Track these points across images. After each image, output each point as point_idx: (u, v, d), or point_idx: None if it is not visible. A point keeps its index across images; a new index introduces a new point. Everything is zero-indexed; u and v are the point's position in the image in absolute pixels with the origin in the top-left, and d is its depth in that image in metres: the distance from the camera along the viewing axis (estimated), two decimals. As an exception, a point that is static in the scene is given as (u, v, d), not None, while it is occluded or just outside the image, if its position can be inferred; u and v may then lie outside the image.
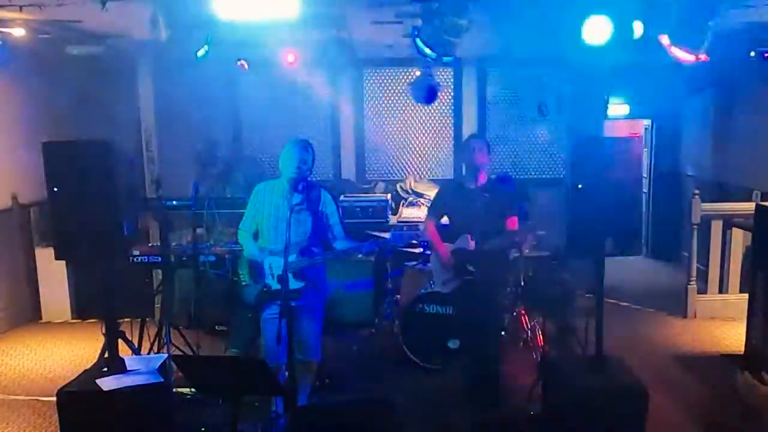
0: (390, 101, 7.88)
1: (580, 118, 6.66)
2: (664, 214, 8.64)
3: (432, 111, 7.82)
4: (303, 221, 3.93)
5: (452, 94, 7.84)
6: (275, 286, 3.80)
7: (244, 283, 4.05)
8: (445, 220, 4.52)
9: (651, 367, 4.86)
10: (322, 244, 4.05)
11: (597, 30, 4.09)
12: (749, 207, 5.50)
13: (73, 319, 6.58)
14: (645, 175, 8.73)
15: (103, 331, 3.92)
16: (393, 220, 6.87)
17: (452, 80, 7.80)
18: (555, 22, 4.47)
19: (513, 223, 4.20)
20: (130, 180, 4.69)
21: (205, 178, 4.83)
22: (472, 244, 4.17)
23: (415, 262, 5.63)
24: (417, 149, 7.95)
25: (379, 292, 6.15)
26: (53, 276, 6.52)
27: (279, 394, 3.92)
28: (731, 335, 5.71)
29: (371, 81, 7.87)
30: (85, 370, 3.81)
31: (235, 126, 7.91)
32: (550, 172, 8.02)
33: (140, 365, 3.76)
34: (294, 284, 3.82)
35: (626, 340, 5.51)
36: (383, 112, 7.90)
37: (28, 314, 6.55)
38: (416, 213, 6.93)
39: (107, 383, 3.54)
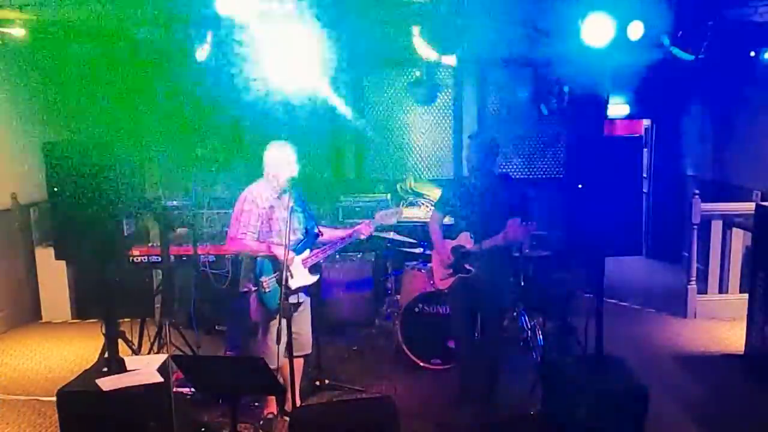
0: (390, 101, 7.88)
1: (580, 118, 6.65)
2: (664, 214, 8.63)
3: (432, 111, 7.81)
4: (301, 219, 4.08)
5: (452, 94, 7.84)
6: (295, 284, 3.94)
7: (267, 291, 3.94)
8: (447, 220, 4.53)
9: (651, 367, 4.86)
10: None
11: (597, 30, 4.09)
12: (749, 207, 5.50)
13: (73, 319, 6.58)
14: (645, 175, 8.73)
15: (103, 331, 3.92)
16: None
17: (452, 80, 7.80)
18: (555, 21, 4.48)
19: (514, 222, 4.20)
20: (130, 180, 4.69)
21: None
22: (470, 242, 4.17)
23: (415, 262, 5.63)
24: (417, 149, 7.95)
25: (379, 292, 6.15)
26: (53, 276, 6.51)
27: (279, 393, 3.93)
28: (731, 335, 5.70)
29: (371, 81, 7.86)
30: (85, 370, 3.81)
31: (234, 126, 7.91)
32: (550, 172, 8.02)
33: (140, 365, 3.76)
34: (310, 279, 4.06)
35: (626, 340, 5.51)
36: (383, 112, 7.89)
37: (28, 314, 6.55)
38: (416, 213, 6.92)
39: (107, 383, 3.53)
